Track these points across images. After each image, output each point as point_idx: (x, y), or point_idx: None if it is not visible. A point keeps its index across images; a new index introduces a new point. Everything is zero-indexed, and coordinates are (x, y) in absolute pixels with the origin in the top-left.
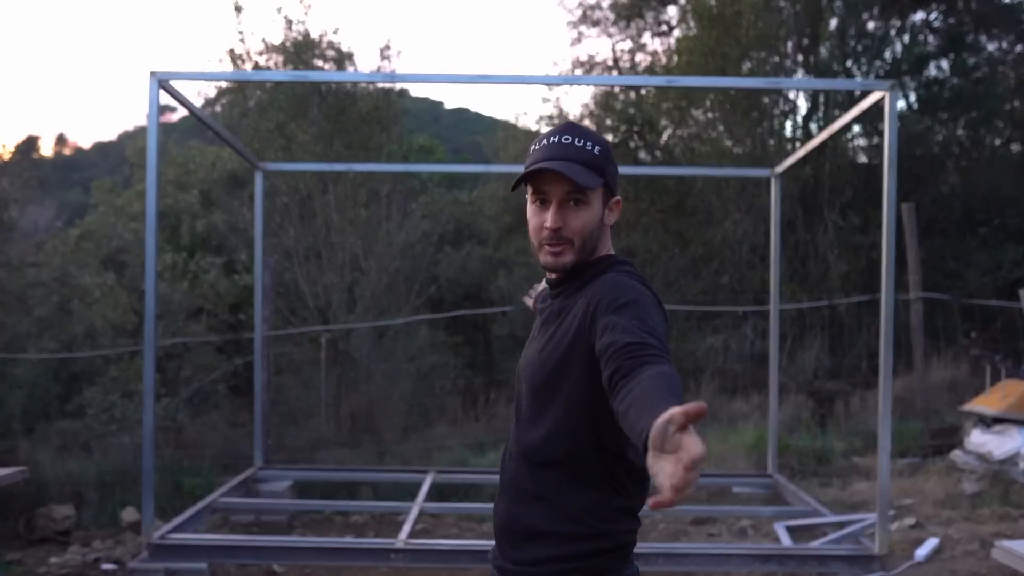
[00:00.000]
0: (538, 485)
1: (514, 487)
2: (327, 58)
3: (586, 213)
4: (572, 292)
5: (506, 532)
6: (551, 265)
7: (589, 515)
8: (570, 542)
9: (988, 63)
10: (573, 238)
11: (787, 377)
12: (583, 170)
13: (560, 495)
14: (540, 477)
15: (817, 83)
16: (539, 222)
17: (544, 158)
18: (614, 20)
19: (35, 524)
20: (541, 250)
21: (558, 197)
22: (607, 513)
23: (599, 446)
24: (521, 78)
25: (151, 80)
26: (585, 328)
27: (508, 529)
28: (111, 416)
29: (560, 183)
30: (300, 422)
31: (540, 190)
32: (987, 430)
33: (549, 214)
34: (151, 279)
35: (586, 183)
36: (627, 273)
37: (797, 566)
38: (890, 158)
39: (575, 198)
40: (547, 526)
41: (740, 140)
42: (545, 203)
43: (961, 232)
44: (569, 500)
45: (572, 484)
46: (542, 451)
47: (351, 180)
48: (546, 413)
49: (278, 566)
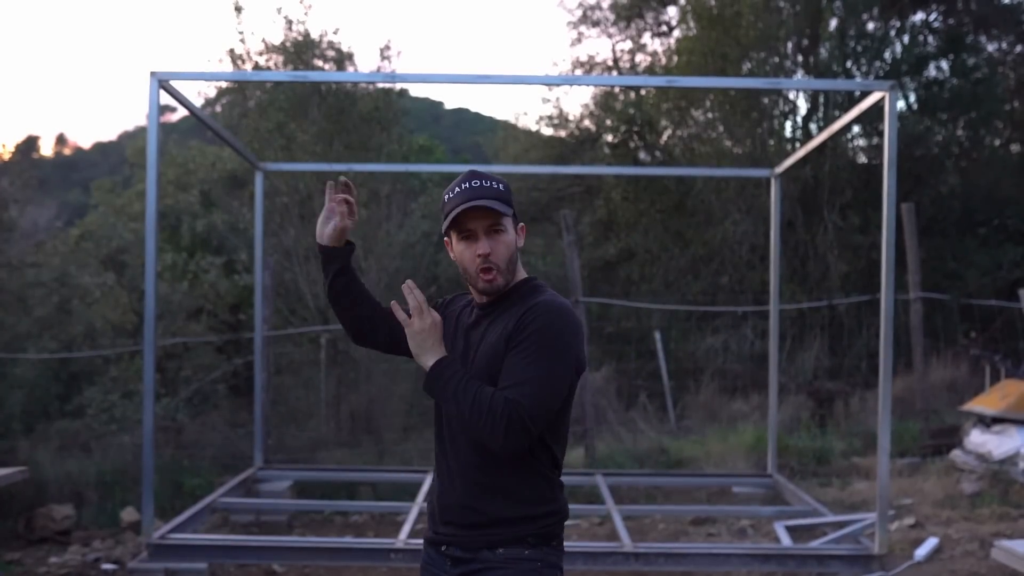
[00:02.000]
0: (492, 477)
1: (465, 477)
2: (327, 58)
3: (506, 238)
4: (501, 311)
5: (462, 519)
6: (487, 289)
7: (539, 497)
8: (527, 522)
9: (988, 64)
10: (499, 262)
11: (787, 377)
12: (498, 203)
13: (513, 484)
14: (493, 468)
15: (817, 83)
16: (471, 254)
17: (463, 200)
18: (614, 20)
19: (35, 524)
20: (477, 278)
21: (483, 228)
22: (551, 492)
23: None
24: (521, 78)
25: (151, 80)
26: (509, 336)
27: (465, 518)
28: (111, 416)
29: (482, 218)
30: (300, 422)
31: (466, 228)
32: (986, 430)
33: (480, 243)
34: (151, 279)
35: (505, 211)
36: (553, 295)
37: (797, 566)
38: (890, 158)
39: (496, 227)
40: (507, 513)
41: (740, 140)
42: (471, 238)
43: (961, 232)
44: (521, 487)
45: (520, 472)
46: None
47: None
48: None
49: (278, 566)
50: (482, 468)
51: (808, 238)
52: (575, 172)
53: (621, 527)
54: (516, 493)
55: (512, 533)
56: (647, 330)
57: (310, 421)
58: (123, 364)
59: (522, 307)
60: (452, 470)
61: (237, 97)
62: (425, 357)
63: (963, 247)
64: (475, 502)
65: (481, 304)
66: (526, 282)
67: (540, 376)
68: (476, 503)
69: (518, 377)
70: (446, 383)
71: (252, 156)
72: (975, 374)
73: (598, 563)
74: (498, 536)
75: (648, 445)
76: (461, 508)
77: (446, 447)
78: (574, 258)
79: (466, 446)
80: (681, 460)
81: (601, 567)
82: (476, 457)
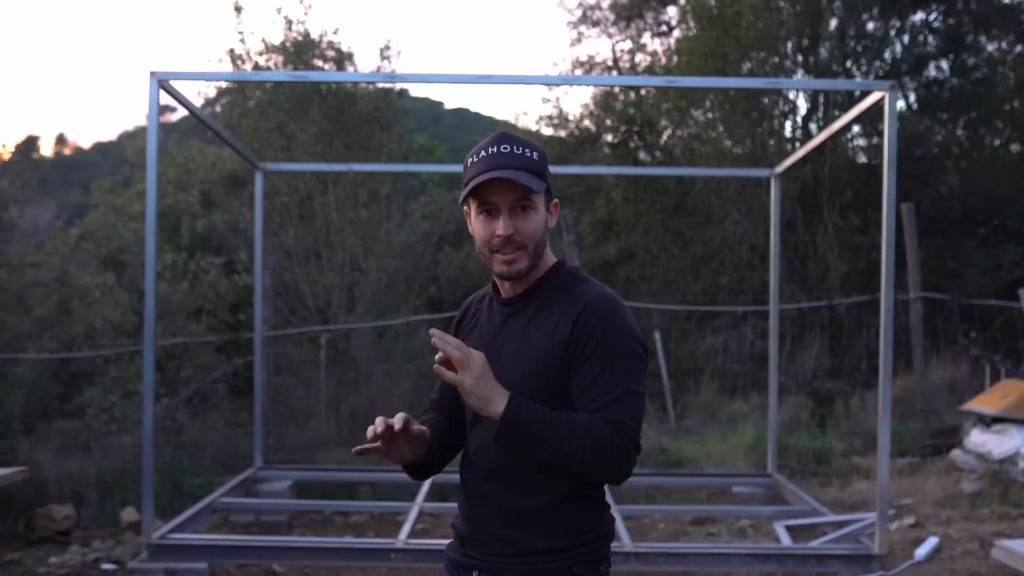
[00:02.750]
0: (532, 506)
1: (500, 506)
2: (327, 58)
3: (535, 217)
4: (538, 305)
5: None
6: (506, 273)
7: (583, 525)
8: (572, 550)
9: (988, 63)
10: (526, 243)
11: (787, 377)
12: (528, 176)
13: (556, 514)
14: (534, 496)
15: (817, 83)
16: (489, 232)
17: (487, 168)
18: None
19: (35, 524)
20: (493, 259)
21: (507, 205)
22: (598, 516)
23: None
24: (521, 78)
25: (151, 80)
26: (565, 341)
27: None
28: (111, 416)
29: (507, 191)
30: (300, 422)
31: (487, 201)
32: (986, 430)
33: (500, 222)
34: (151, 279)
35: (534, 187)
36: (598, 284)
37: (797, 566)
38: (890, 158)
39: (523, 204)
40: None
41: (740, 140)
42: (492, 213)
43: (961, 232)
44: (565, 516)
45: (564, 500)
46: (529, 470)
47: (351, 180)
48: None
49: (278, 566)
50: (521, 496)
51: (808, 238)
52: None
53: (621, 527)
54: (560, 523)
55: (555, 563)
56: (647, 330)
57: (310, 421)
58: (123, 364)
59: (569, 303)
60: (483, 496)
61: (237, 97)
62: (491, 407)
63: (963, 247)
64: (513, 534)
65: (507, 297)
66: (560, 268)
67: (630, 389)
68: (513, 535)
69: (609, 393)
70: (527, 428)
71: (252, 156)
72: (975, 374)
73: None
74: (539, 566)
75: (648, 445)
76: (496, 540)
77: (477, 471)
78: (574, 258)
79: (501, 471)
80: (681, 460)
81: None
82: (513, 483)
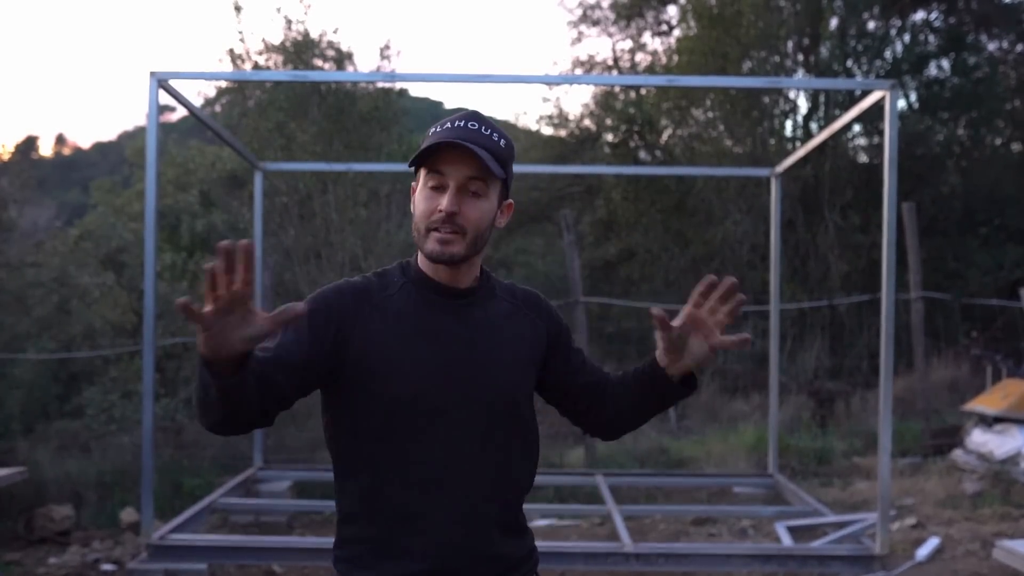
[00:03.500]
0: (514, 512)
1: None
2: (327, 58)
3: (484, 205)
4: (485, 301)
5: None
6: (437, 254)
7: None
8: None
9: (989, 63)
10: (467, 228)
11: (787, 377)
12: (488, 156)
13: (521, 516)
14: (515, 502)
15: (817, 83)
16: (432, 206)
17: (447, 137)
18: (614, 20)
19: (34, 524)
20: (428, 236)
21: (457, 181)
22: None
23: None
24: (521, 78)
25: (151, 80)
26: (543, 336)
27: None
28: (110, 416)
29: (462, 166)
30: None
31: (437, 170)
32: (988, 430)
33: (445, 198)
34: (150, 279)
35: (493, 170)
36: (512, 282)
37: (798, 566)
38: (890, 158)
39: (475, 187)
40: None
41: (740, 140)
42: (439, 189)
43: (962, 232)
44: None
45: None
46: (528, 480)
47: (351, 180)
48: (517, 439)
49: (278, 567)
50: (505, 504)
51: (809, 238)
52: (575, 172)
53: (621, 527)
54: (522, 525)
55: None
56: (647, 330)
57: (310, 421)
58: (123, 364)
59: (527, 301)
60: (466, 514)
61: (237, 97)
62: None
63: (964, 246)
64: (501, 547)
65: (456, 288)
66: (489, 274)
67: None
68: (502, 548)
69: (596, 368)
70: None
71: (252, 156)
72: (976, 374)
73: (598, 563)
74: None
75: (648, 445)
76: (488, 559)
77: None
78: (574, 258)
79: (491, 477)
80: (682, 460)
81: (601, 567)
82: (500, 490)
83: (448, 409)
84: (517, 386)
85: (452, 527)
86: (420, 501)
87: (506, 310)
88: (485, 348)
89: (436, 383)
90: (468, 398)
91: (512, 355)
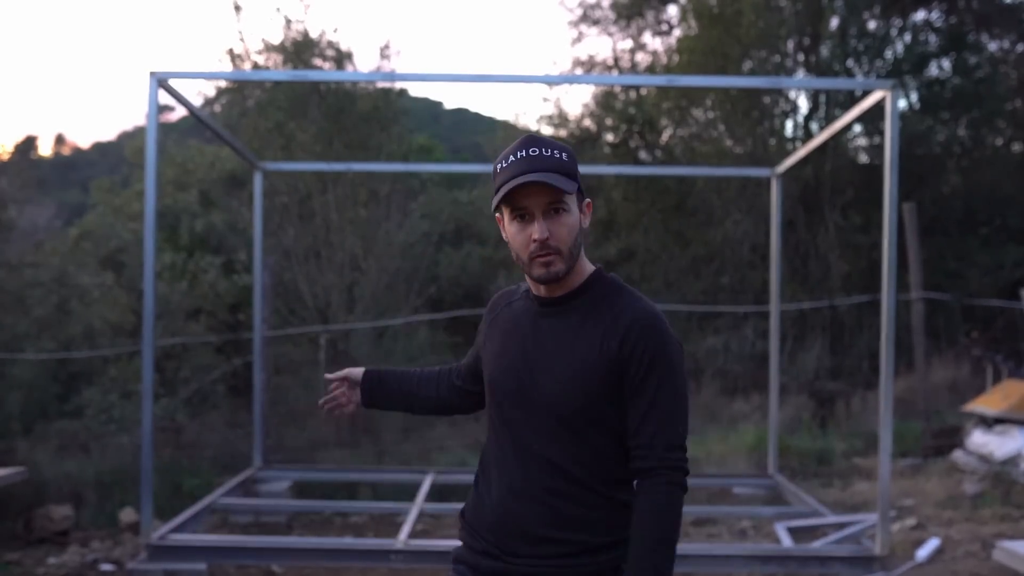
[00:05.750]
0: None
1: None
2: (327, 57)
3: (569, 219)
4: (579, 310)
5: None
6: (544, 276)
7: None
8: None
9: (989, 63)
10: (561, 247)
11: (788, 377)
12: (559, 177)
13: (591, 503)
14: (568, 499)
15: (818, 83)
16: (525, 237)
17: (518, 172)
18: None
19: (33, 524)
20: (532, 264)
21: (540, 208)
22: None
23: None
24: (521, 78)
25: (151, 80)
26: (614, 359)
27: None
28: (110, 416)
29: (540, 195)
30: (299, 422)
31: (520, 206)
32: (988, 431)
33: (535, 226)
34: (150, 279)
35: (566, 188)
36: (640, 297)
37: (798, 567)
38: (891, 158)
39: (556, 207)
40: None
41: (740, 140)
42: (525, 218)
43: (962, 232)
44: (606, 518)
45: (606, 506)
46: (581, 478)
47: (351, 180)
48: (562, 440)
49: (277, 567)
50: (550, 493)
51: (809, 238)
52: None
53: None
54: (601, 524)
55: (601, 562)
56: None
57: (309, 421)
58: (122, 364)
59: (616, 316)
60: (504, 496)
61: (236, 96)
62: None
63: (965, 247)
64: (558, 532)
65: (545, 298)
66: (600, 275)
67: (676, 413)
68: (545, 532)
69: (662, 433)
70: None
71: (251, 156)
72: (977, 374)
73: None
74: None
75: None
76: (539, 540)
77: (505, 466)
78: None
79: (545, 470)
80: None
81: None
82: (542, 480)
83: (506, 402)
84: (577, 398)
85: (498, 503)
86: (487, 474)
87: (589, 326)
88: (541, 355)
89: (502, 378)
90: (520, 396)
91: (567, 366)
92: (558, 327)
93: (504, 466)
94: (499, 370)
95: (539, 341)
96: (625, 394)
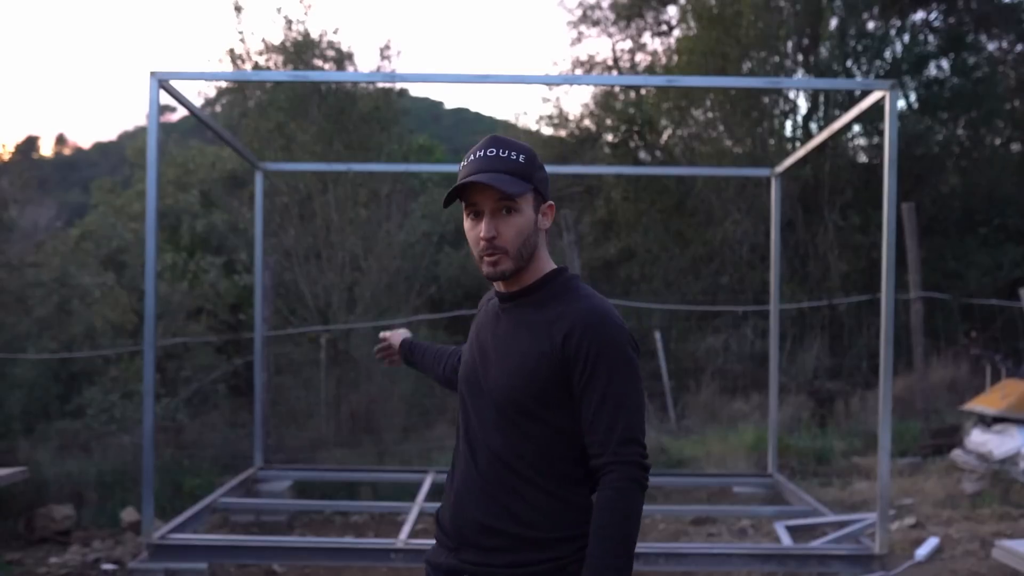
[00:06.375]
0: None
1: (491, 497)
2: (327, 58)
3: (518, 220)
4: (528, 306)
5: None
6: (491, 274)
7: (563, 517)
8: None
9: (988, 63)
10: (507, 246)
11: (787, 377)
12: (510, 179)
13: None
14: (523, 491)
15: (817, 83)
16: (476, 234)
17: (471, 172)
18: (614, 20)
19: (35, 524)
20: (482, 262)
21: (489, 207)
22: (579, 514)
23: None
24: (521, 78)
25: (151, 80)
26: (558, 356)
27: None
28: (111, 416)
29: (489, 194)
30: (300, 422)
31: (471, 202)
32: (987, 430)
33: (483, 224)
34: (151, 279)
35: (512, 191)
36: (591, 295)
37: (797, 566)
38: (890, 158)
39: (505, 206)
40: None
41: (740, 140)
42: (479, 215)
43: (961, 232)
44: (542, 502)
45: (542, 488)
46: (532, 472)
47: (351, 180)
48: (519, 433)
49: (278, 566)
50: (503, 487)
51: (808, 238)
52: (575, 172)
53: None
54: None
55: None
56: (647, 330)
57: (310, 421)
58: (123, 364)
59: (562, 311)
60: (462, 487)
61: (237, 97)
62: None
63: (964, 246)
64: (497, 522)
65: (501, 293)
66: (557, 275)
67: (627, 405)
68: (492, 522)
69: (613, 429)
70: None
71: (252, 156)
72: (976, 374)
73: None
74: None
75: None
76: (482, 530)
77: (466, 458)
78: (574, 258)
79: (490, 461)
80: (681, 460)
81: None
82: (496, 473)
83: (465, 393)
84: (515, 389)
85: (454, 495)
86: (453, 469)
87: (538, 320)
88: (498, 349)
89: (464, 371)
90: (480, 389)
91: (520, 360)
92: (510, 322)
93: (461, 458)
94: (464, 364)
95: (496, 335)
96: (575, 392)
